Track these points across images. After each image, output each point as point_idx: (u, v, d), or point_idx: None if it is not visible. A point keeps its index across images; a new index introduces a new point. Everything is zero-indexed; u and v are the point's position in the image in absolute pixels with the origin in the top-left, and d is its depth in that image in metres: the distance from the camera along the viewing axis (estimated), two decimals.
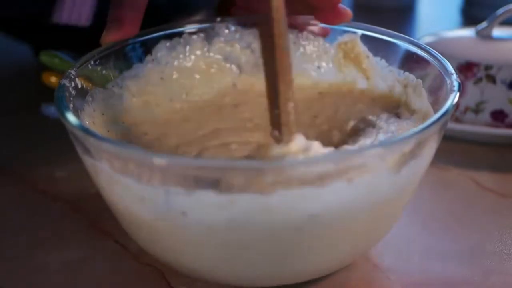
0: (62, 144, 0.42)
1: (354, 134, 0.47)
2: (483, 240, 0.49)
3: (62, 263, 0.47)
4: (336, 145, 0.46)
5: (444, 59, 0.46)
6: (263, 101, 0.43)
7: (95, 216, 0.48)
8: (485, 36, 0.64)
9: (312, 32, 0.52)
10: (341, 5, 0.49)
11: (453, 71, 0.44)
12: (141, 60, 0.50)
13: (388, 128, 0.46)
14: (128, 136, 0.47)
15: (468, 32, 0.66)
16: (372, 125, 0.47)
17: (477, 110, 0.62)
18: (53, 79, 0.51)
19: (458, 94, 0.42)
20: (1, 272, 0.46)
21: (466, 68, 0.62)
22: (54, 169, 0.57)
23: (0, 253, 0.48)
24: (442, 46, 0.64)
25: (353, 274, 0.45)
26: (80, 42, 0.52)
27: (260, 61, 0.52)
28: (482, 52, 0.63)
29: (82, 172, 0.44)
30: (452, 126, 0.61)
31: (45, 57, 0.50)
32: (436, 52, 0.47)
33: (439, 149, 0.42)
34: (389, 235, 0.45)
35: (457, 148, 0.60)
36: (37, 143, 0.61)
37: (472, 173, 0.56)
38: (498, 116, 0.61)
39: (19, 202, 0.54)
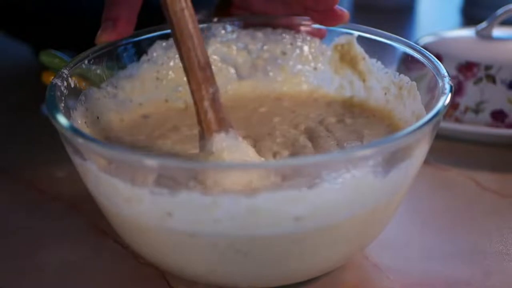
0: (62, 144, 0.42)
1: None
2: (483, 240, 0.49)
3: (62, 263, 0.47)
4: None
5: (438, 61, 0.46)
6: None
7: (95, 216, 0.48)
8: (485, 36, 0.64)
9: (309, 33, 0.52)
10: (338, 7, 0.49)
11: (446, 74, 0.44)
12: (136, 60, 0.50)
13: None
14: (121, 135, 0.47)
15: (468, 32, 0.66)
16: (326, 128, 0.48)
17: (477, 110, 0.62)
18: None
19: (449, 96, 0.41)
20: (1, 272, 0.46)
21: (466, 68, 0.62)
22: (54, 169, 0.57)
23: (0, 253, 0.48)
24: (442, 46, 0.64)
25: (353, 274, 0.45)
26: (80, 42, 0.52)
27: (256, 62, 0.52)
28: (482, 52, 0.63)
29: None
30: (452, 126, 0.61)
31: (45, 57, 0.50)
32: (431, 54, 0.47)
33: (439, 149, 0.42)
34: (389, 235, 0.45)
35: (457, 148, 0.60)
36: (37, 143, 0.61)
37: (472, 173, 0.56)
38: (498, 116, 0.61)
39: (19, 202, 0.54)
